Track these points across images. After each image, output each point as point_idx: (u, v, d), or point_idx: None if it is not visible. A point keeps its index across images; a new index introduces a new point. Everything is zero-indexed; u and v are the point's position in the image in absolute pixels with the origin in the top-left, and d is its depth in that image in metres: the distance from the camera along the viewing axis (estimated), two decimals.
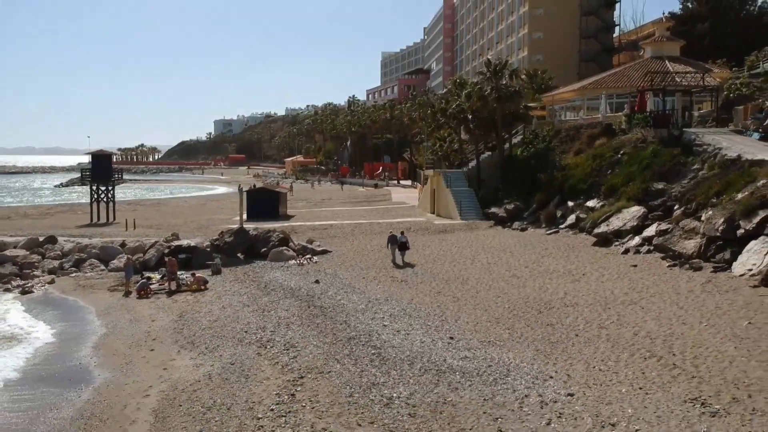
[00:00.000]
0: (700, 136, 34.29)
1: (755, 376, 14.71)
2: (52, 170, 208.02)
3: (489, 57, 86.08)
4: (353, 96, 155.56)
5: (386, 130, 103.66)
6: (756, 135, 33.27)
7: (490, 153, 50.99)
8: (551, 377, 15.50)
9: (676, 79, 41.62)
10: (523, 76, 55.95)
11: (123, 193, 54.44)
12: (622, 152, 38.01)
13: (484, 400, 14.41)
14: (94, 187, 49.94)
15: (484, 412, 13.76)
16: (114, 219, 48.59)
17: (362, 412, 14.09)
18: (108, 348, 20.52)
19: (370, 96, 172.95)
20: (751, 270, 22.54)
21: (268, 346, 19.18)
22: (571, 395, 14.36)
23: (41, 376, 18.44)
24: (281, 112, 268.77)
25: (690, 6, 68.85)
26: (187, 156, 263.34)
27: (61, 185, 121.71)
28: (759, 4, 65.29)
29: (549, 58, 79.89)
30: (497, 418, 13.43)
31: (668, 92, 40.56)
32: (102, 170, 49.88)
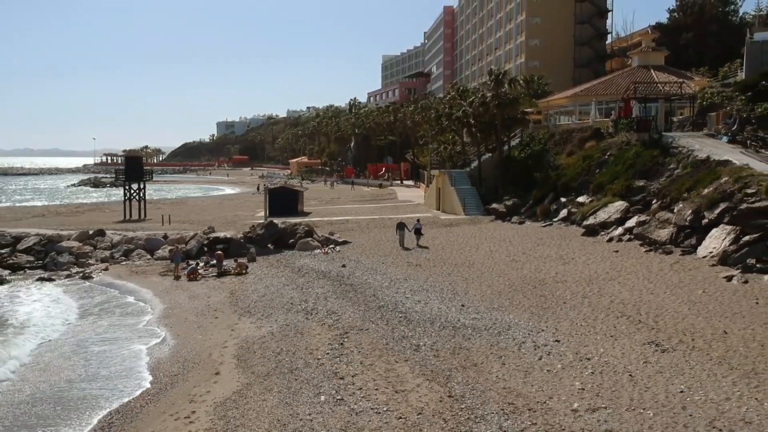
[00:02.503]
0: (676, 139, 38.65)
1: (699, 327, 19.12)
2: (58, 171, 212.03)
3: (489, 64, 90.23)
4: (354, 98, 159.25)
5: (389, 132, 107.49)
6: (725, 138, 37.60)
7: (490, 154, 55.18)
8: (543, 330, 19.87)
9: (658, 87, 46.06)
10: (521, 81, 59.93)
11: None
12: (608, 154, 42.40)
13: (491, 345, 18.76)
14: (127, 186, 54.00)
15: (492, 353, 18.10)
16: (145, 216, 52.62)
17: (397, 354, 18.41)
18: (178, 317, 24.79)
19: (371, 98, 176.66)
20: (711, 252, 26.96)
21: (313, 313, 23.50)
22: (558, 341, 18.72)
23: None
24: (283, 114, 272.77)
25: (676, 16, 73.21)
26: (190, 158, 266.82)
27: (74, 185, 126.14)
28: (740, 15, 69.59)
29: (545, 64, 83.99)
30: (501, 356, 17.77)
31: (651, 99, 44.92)
32: (134, 170, 54.10)
